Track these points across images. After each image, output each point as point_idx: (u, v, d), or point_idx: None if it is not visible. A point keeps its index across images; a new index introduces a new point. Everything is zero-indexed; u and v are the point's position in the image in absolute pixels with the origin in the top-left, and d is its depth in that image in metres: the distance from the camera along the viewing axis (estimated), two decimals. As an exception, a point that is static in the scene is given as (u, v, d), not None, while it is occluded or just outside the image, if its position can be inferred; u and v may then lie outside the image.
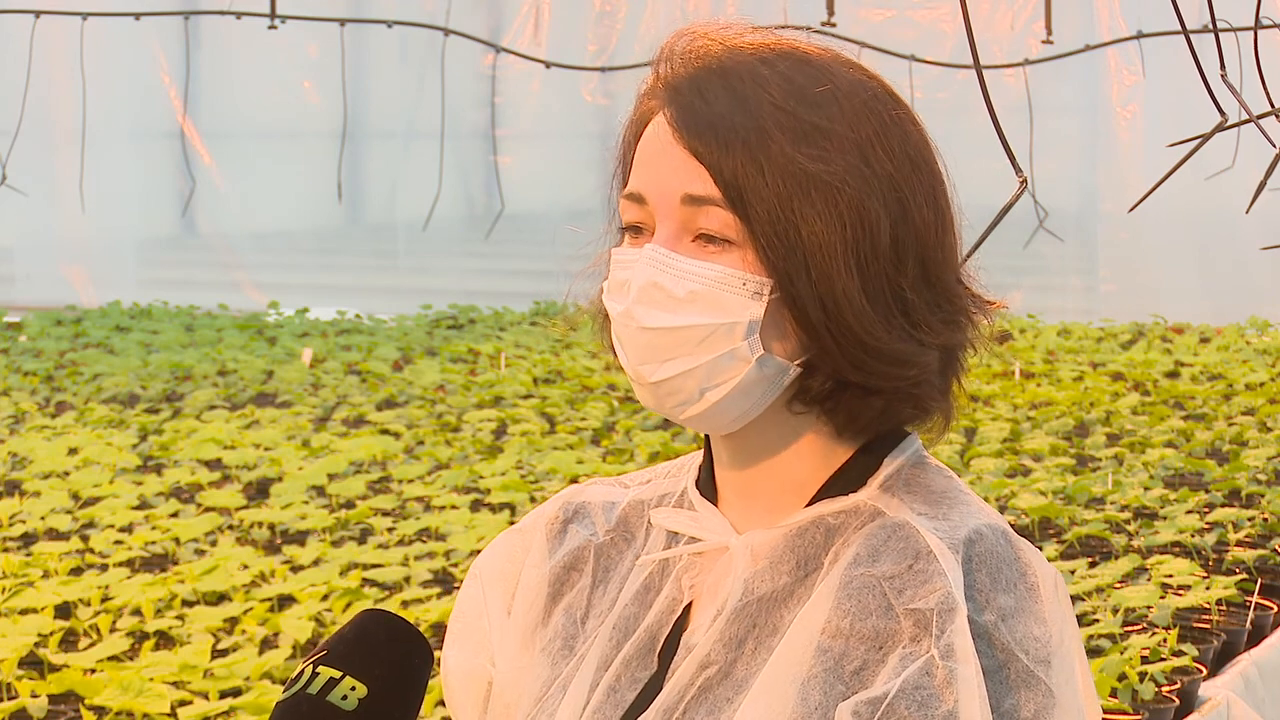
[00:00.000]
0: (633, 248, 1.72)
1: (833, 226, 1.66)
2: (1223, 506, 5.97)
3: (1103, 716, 3.99)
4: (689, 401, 1.70)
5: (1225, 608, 4.80)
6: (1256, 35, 4.26)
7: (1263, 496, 6.14)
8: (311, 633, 4.52)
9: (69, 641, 4.69)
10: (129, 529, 5.83)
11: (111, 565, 5.35)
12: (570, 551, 1.84)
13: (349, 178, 14.25)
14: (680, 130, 1.68)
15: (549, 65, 8.01)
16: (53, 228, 13.94)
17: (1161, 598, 4.74)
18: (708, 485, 1.79)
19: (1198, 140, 3.84)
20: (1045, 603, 1.66)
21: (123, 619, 4.77)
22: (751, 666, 1.68)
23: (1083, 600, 4.82)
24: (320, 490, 6.47)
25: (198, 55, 13.43)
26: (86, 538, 5.74)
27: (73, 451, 7.14)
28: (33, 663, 4.46)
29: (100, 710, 4.01)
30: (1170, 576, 4.93)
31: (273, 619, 4.66)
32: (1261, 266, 11.94)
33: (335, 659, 1.71)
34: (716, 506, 1.78)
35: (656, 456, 6.93)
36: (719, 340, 1.67)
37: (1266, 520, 5.74)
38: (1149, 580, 4.98)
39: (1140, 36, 7.86)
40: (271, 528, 5.90)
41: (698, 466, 1.82)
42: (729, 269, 1.67)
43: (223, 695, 4.14)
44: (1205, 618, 4.73)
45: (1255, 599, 4.81)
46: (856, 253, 1.66)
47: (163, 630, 4.69)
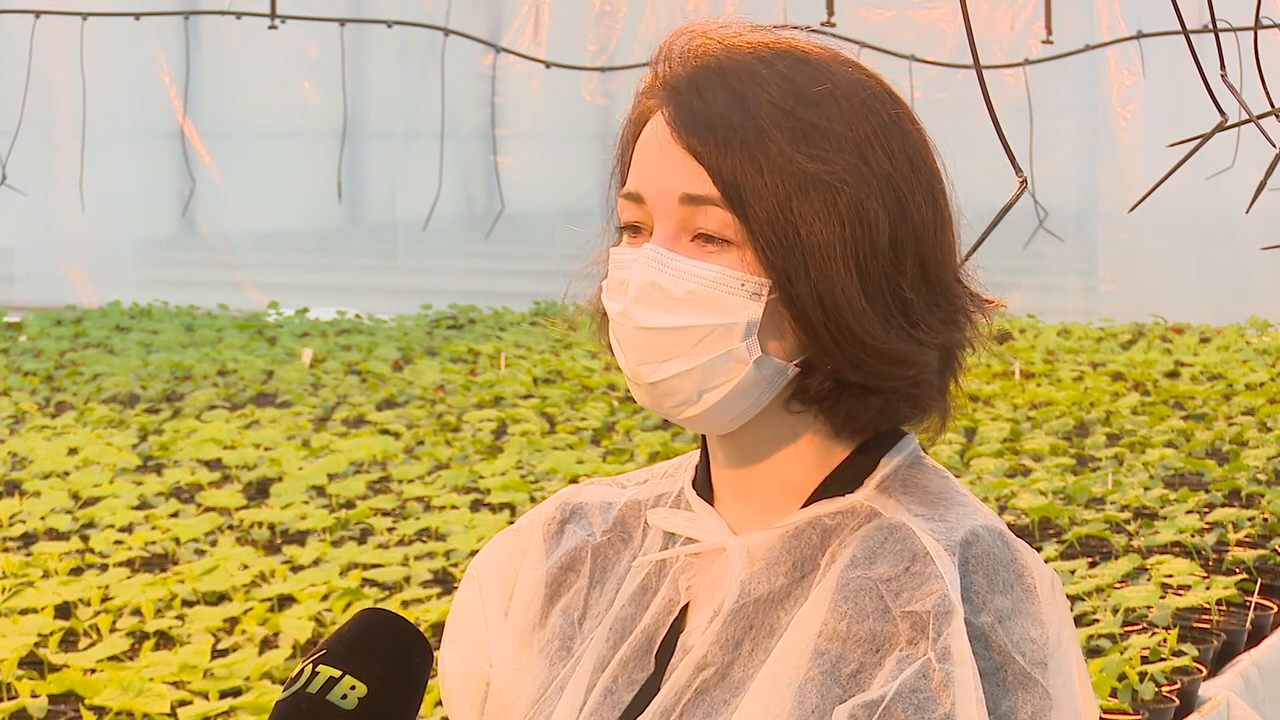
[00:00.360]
0: (631, 247, 1.71)
1: (832, 226, 1.66)
2: (1223, 506, 5.97)
3: (1102, 717, 4.00)
4: (687, 402, 1.69)
5: (1225, 608, 4.80)
6: (1256, 35, 4.26)
7: (1263, 496, 6.14)
8: (311, 633, 4.52)
9: (69, 641, 4.69)
10: (129, 529, 5.83)
11: (111, 565, 5.35)
12: (567, 552, 1.84)
13: (349, 178, 14.24)
14: (679, 129, 1.68)
15: (549, 65, 8.02)
16: (53, 228, 13.93)
17: (1161, 598, 4.73)
18: (704, 485, 1.79)
19: (1198, 140, 3.84)
20: (1042, 604, 1.66)
21: (123, 619, 4.77)
22: (748, 668, 1.68)
23: (1083, 600, 4.81)
24: (320, 490, 6.47)
25: (198, 55, 13.41)
26: (86, 538, 5.74)
27: (73, 451, 7.14)
28: (33, 663, 4.46)
29: (100, 710, 4.01)
30: (1170, 576, 4.93)
31: (273, 619, 4.66)
32: (1261, 266, 11.94)
33: (335, 658, 1.71)
34: (713, 507, 1.77)
35: (656, 456, 6.92)
36: (717, 341, 1.67)
37: (1266, 520, 5.73)
38: (1149, 580, 4.98)
39: (1140, 36, 7.87)
40: (271, 528, 5.90)
41: (694, 466, 1.82)
42: (727, 269, 1.66)
43: (223, 695, 4.14)
44: (1205, 618, 4.72)
45: (1255, 599, 4.81)
46: (856, 252, 1.66)
47: (163, 630, 4.69)
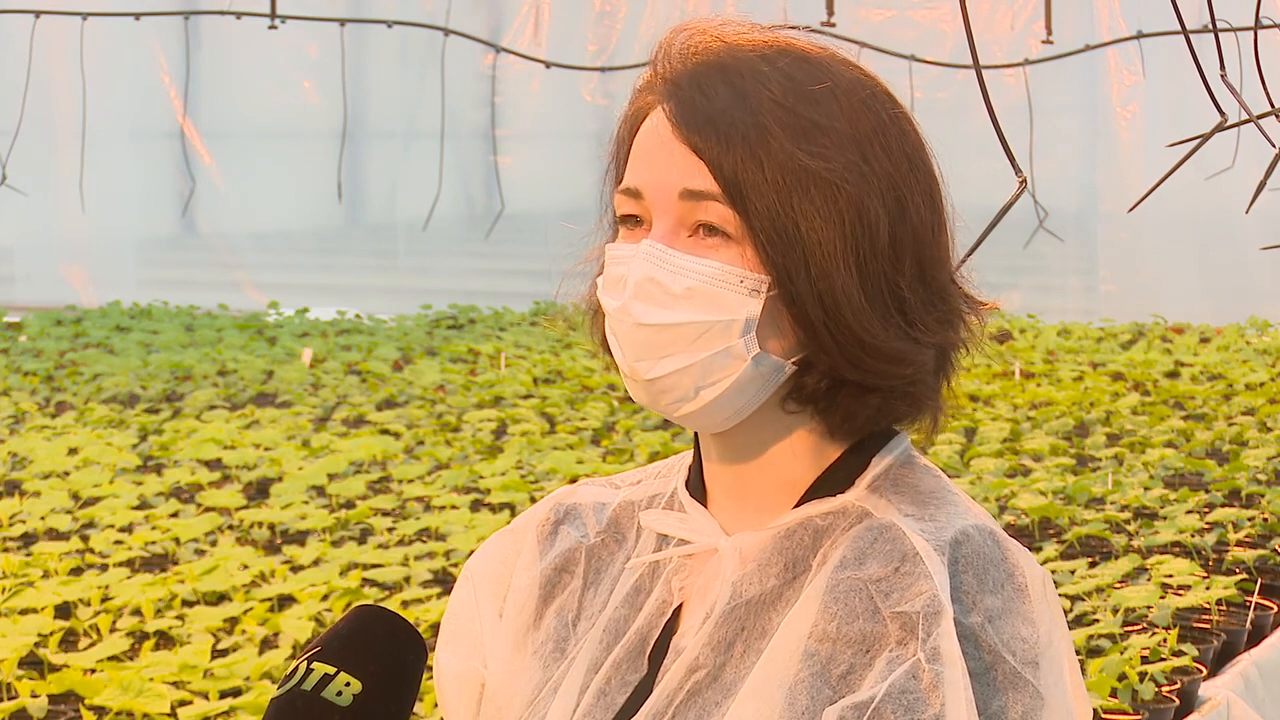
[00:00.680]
0: (629, 243, 1.70)
1: (832, 223, 1.65)
2: (1223, 506, 5.96)
3: (1102, 717, 3.99)
4: (684, 399, 1.69)
5: (1225, 608, 4.80)
6: (1256, 35, 4.26)
7: (1263, 496, 6.14)
8: (311, 633, 4.52)
9: (69, 641, 4.69)
10: (129, 529, 5.83)
11: (111, 565, 5.35)
12: (561, 553, 1.84)
13: (349, 178, 14.24)
14: (680, 125, 1.67)
15: (549, 65, 8.02)
16: (53, 228, 13.94)
17: (1161, 598, 4.73)
18: (697, 485, 1.78)
19: (1197, 140, 3.84)
20: (1033, 603, 1.65)
21: (123, 619, 4.77)
22: (740, 670, 1.68)
23: (1083, 600, 4.81)
24: (320, 490, 6.47)
25: (198, 55, 13.42)
26: (86, 538, 5.74)
27: (73, 451, 7.14)
28: (33, 663, 4.46)
29: (100, 710, 4.01)
30: (1170, 576, 4.93)
31: (273, 619, 4.66)
32: (1261, 266, 11.94)
33: (330, 655, 1.71)
34: (706, 507, 1.77)
35: (656, 456, 6.92)
36: (715, 337, 1.66)
37: (1266, 520, 5.73)
38: (1149, 580, 4.98)
39: (1140, 36, 7.87)
40: (271, 528, 5.90)
41: (688, 467, 1.82)
42: (727, 266, 1.66)
43: (223, 695, 4.14)
44: (1205, 618, 4.72)
45: (1255, 599, 4.81)
46: (856, 250, 1.66)
47: (163, 630, 4.69)
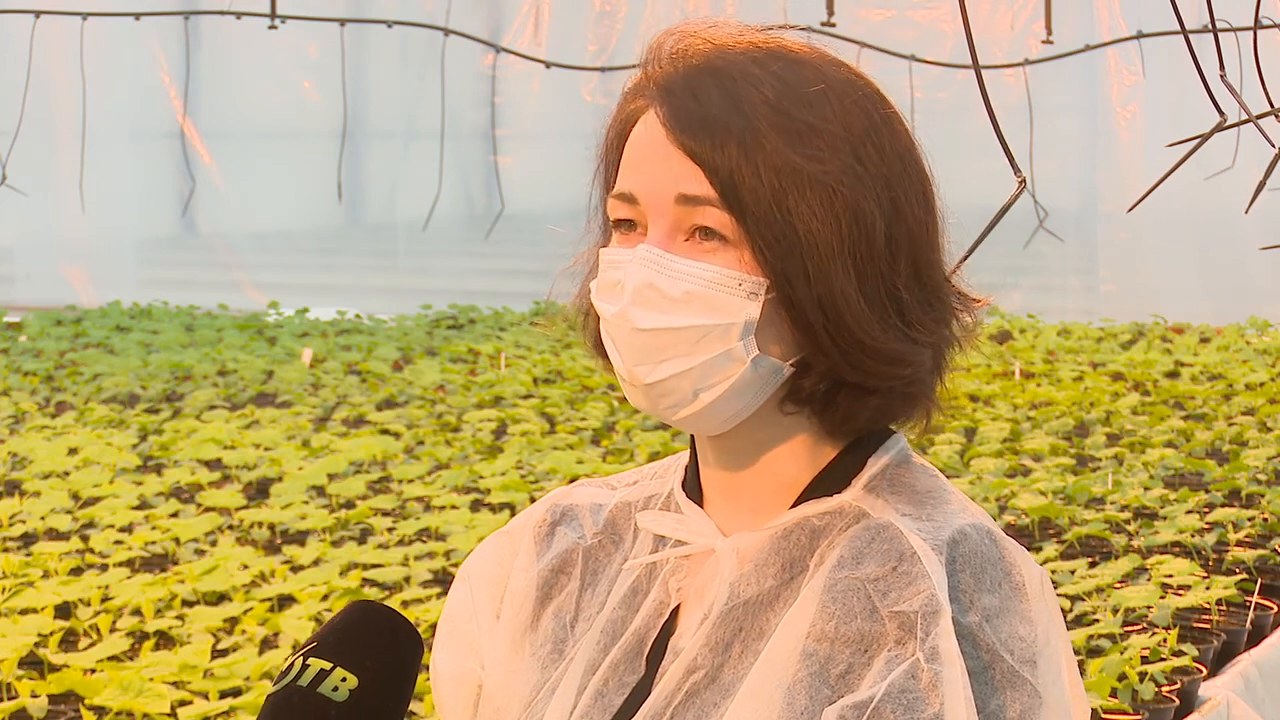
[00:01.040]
0: (624, 247, 1.70)
1: (829, 226, 1.65)
2: (1223, 506, 5.96)
3: (1102, 717, 3.99)
4: (683, 403, 1.69)
5: (1225, 608, 4.80)
6: (1256, 35, 4.26)
7: (1263, 496, 6.14)
8: (311, 633, 4.51)
9: (69, 641, 4.69)
10: (129, 529, 5.83)
11: (111, 565, 5.35)
12: (558, 554, 1.83)
13: (349, 178, 14.24)
14: (674, 129, 1.67)
15: (549, 65, 8.02)
16: (53, 228, 13.94)
17: (1161, 598, 4.73)
18: (694, 486, 1.78)
19: (1197, 140, 3.84)
20: (1031, 602, 1.65)
21: (123, 619, 4.77)
22: (738, 670, 1.68)
23: (1083, 600, 4.81)
24: (320, 490, 6.47)
25: (198, 55, 13.42)
26: (86, 538, 5.74)
27: (73, 451, 7.14)
28: (33, 663, 4.46)
29: (100, 710, 4.01)
30: (1170, 576, 4.93)
31: (273, 619, 4.66)
32: (1261, 266, 11.94)
33: (325, 650, 1.71)
34: (702, 508, 1.77)
35: (656, 456, 6.92)
36: (714, 341, 1.66)
37: (1266, 520, 5.73)
38: (1149, 580, 4.98)
39: (1140, 36, 7.87)
40: (271, 528, 5.90)
41: (684, 467, 1.81)
42: (725, 269, 1.66)
43: (223, 695, 4.14)
44: (1205, 618, 4.72)
45: (1255, 599, 4.81)
46: (853, 252, 1.66)
47: (163, 630, 4.69)
